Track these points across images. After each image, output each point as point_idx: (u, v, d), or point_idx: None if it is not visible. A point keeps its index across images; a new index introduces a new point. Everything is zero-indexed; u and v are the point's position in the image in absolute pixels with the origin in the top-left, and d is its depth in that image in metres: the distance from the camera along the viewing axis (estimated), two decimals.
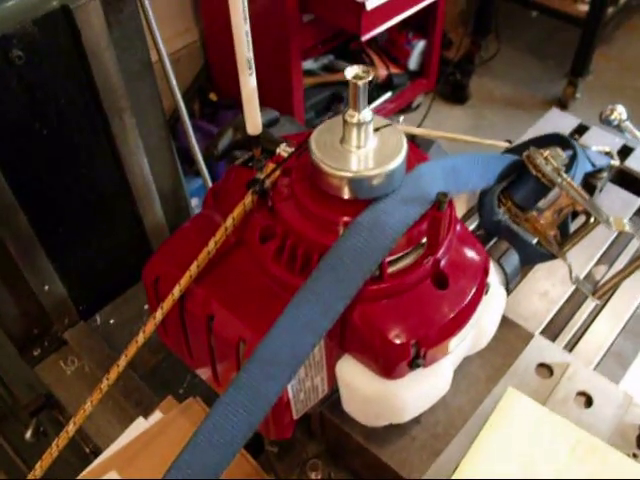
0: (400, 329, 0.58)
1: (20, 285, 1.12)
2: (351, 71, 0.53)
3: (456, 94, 2.82)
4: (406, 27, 2.58)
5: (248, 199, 0.59)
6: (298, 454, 0.82)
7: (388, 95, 2.61)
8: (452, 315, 0.60)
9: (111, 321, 1.26)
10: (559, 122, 1.25)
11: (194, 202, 1.82)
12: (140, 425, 0.90)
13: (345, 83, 0.55)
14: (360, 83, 0.53)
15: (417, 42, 2.58)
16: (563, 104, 2.75)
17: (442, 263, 0.61)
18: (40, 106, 0.99)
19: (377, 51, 2.59)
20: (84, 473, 0.84)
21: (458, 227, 0.65)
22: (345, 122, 0.56)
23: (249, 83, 0.54)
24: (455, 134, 0.92)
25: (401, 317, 0.59)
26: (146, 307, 1.28)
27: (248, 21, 0.51)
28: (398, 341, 0.58)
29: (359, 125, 0.55)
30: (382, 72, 2.55)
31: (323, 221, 0.58)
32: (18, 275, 1.10)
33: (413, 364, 0.60)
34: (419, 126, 2.55)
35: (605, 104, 1.23)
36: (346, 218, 0.57)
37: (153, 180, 1.21)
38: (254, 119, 0.58)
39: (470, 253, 0.64)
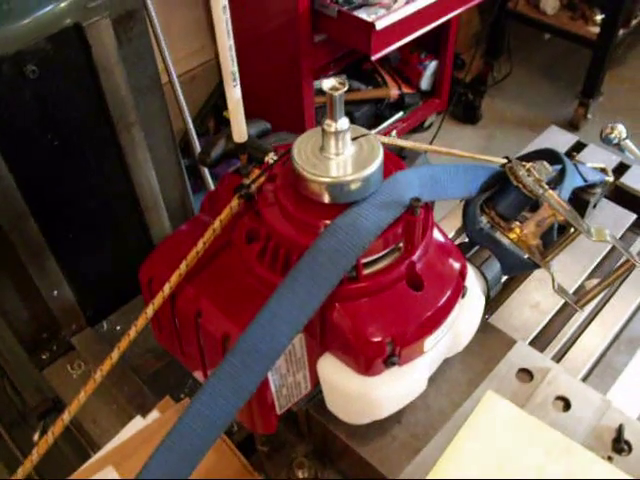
0: (376, 327, 0.61)
1: (30, 290, 1.16)
2: (328, 83, 0.57)
3: (468, 114, 2.85)
4: (418, 47, 2.62)
5: (234, 202, 0.63)
6: (287, 454, 0.84)
7: (400, 114, 2.65)
8: (427, 315, 0.63)
9: (117, 328, 1.29)
10: (557, 139, 1.28)
11: None
12: (138, 424, 0.93)
13: (358, 102, 0.58)
14: (336, 94, 0.57)
15: (429, 62, 2.62)
16: (574, 125, 2.77)
17: (418, 266, 0.64)
18: (52, 118, 1.04)
19: (389, 71, 2.63)
20: (82, 469, 0.88)
21: (437, 233, 0.69)
22: (324, 131, 0.60)
23: (234, 94, 0.58)
24: (447, 149, 0.94)
25: (377, 316, 0.62)
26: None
27: (232, 36, 0.55)
28: (374, 339, 0.61)
29: (337, 134, 0.59)
30: (394, 92, 2.59)
31: (303, 224, 0.61)
32: (28, 280, 1.14)
33: (388, 362, 0.63)
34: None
35: None
36: (325, 221, 0.60)
37: (160, 192, 1.25)
38: (240, 127, 0.62)
39: (447, 257, 0.67)
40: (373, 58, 2.02)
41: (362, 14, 2.01)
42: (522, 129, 2.80)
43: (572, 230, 0.82)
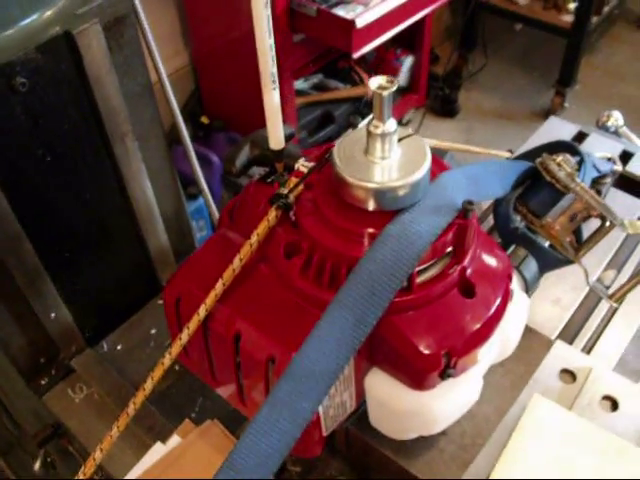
0: (430, 339, 0.58)
1: (26, 313, 1.11)
2: (375, 82, 0.53)
3: (446, 108, 2.83)
4: (394, 44, 2.60)
5: (272, 214, 0.59)
6: (321, 472, 0.81)
7: None
8: (480, 323, 0.60)
9: (118, 347, 1.24)
10: (559, 130, 1.26)
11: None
12: (159, 450, 0.88)
13: (336, 101, 0.55)
14: (385, 93, 0.53)
15: (405, 58, 2.60)
16: (552, 114, 2.77)
17: (468, 272, 0.61)
18: (44, 133, 0.99)
19: (366, 68, 2.60)
20: None
21: (481, 234, 0.65)
22: (369, 133, 0.56)
23: (273, 98, 0.54)
24: (461, 145, 0.92)
25: (430, 327, 0.58)
26: (153, 332, 1.27)
27: (272, 35, 0.51)
28: (428, 352, 0.57)
29: (383, 136, 0.55)
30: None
31: (349, 234, 0.57)
32: (24, 303, 1.09)
33: (444, 374, 0.59)
34: None
35: (594, 112, 1.24)
36: (372, 230, 0.57)
37: (156, 203, 1.20)
38: (277, 134, 0.57)
39: (494, 260, 0.64)
40: (355, 56, 1.98)
41: (340, 12, 1.97)
42: (500, 120, 2.79)
43: (607, 224, 0.79)
